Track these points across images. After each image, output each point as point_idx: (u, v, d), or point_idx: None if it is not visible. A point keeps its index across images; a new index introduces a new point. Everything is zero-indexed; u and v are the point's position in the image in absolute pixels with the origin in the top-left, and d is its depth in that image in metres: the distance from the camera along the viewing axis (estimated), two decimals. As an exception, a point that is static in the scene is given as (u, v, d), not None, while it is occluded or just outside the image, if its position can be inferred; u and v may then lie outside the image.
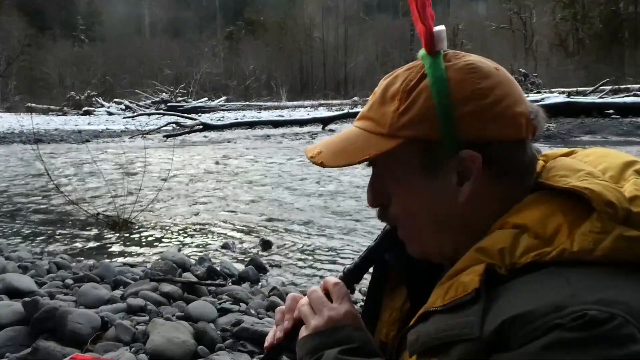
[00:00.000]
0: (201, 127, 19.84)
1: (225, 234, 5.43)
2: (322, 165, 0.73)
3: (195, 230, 5.64)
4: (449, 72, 0.68)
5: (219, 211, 6.56)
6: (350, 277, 0.85)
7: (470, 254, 0.64)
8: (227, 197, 7.50)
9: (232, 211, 6.55)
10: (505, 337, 0.55)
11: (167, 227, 5.73)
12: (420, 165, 0.70)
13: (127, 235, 5.42)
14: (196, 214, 6.39)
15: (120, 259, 4.50)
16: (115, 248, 4.98)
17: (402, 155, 0.70)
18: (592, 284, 0.56)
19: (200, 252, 4.74)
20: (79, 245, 5.08)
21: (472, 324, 0.58)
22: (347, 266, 0.86)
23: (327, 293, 0.81)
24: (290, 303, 0.85)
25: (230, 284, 3.71)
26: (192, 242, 5.17)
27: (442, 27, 0.71)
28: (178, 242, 5.17)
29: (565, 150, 0.77)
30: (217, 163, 11.59)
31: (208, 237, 5.34)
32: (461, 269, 0.64)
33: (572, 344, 0.52)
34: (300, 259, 4.57)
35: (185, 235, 5.46)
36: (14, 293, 2.94)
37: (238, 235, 5.41)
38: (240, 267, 4.19)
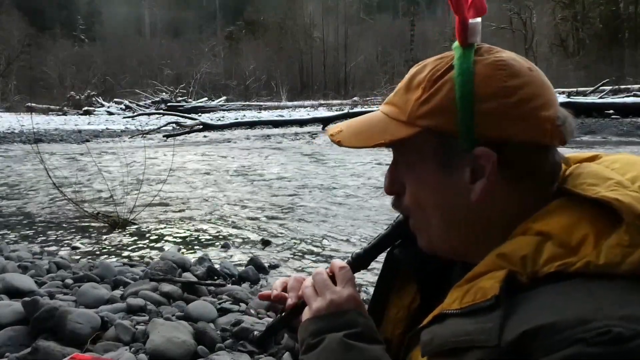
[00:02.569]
0: (201, 127, 19.87)
1: (225, 234, 5.43)
2: (339, 144, 0.73)
3: (195, 230, 5.64)
4: (478, 66, 0.66)
5: (219, 211, 6.55)
6: (358, 263, 0.85)
7: (490, 259, 0.63)
8: (227, 197, 7.50)
9: (232, 211, 6.55)
10: (526, 348, 0.54)
11: (167, 227, 5.73)
12: (434, 157, 0.69)
13: (127, 235, 5.42)
14: (196, 214, 6.38)
15: (120, 259, 4.50)
16: (115, 248, 4.98)
17: (418, 144, 0.69)
18: (618, 299, 0.54)
19: (200, 252, 4.74)
20: (79, 245, 5.08)
21: (490, 332, 0.57)
22: (357, 251, 0.86)
23: (332, 276, 0.81)
24: (293, 283, 0.85)
25: (230, 284, 3.71)
26: (192, 242, 5.17)
27: (478, 20, 0.69)
28: (178, 242, 5.17)
29: (588, 154, 0.76)
30: (217, 163, 11.60)
31: (208, 237, 5.34)
32: (481, 273, 0.63)
33: (594, 359, 0.50)
34: (300, 259, 4.57)
35: (185, 235, 5.45)
36: (13, 293, 2.94)
37: (238, 235, 5.41)
38: (240, 267, 4.19)
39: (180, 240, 5.26)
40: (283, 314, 0.86)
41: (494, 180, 0.66)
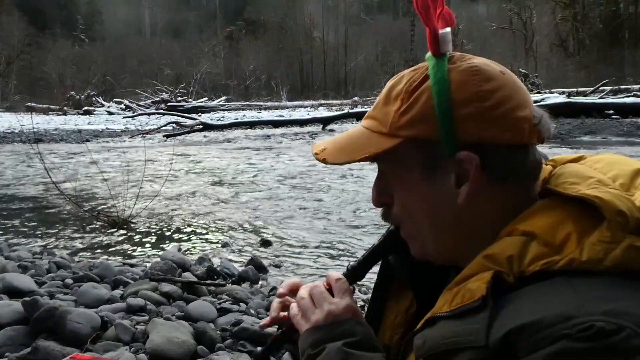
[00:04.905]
0: (201, 127, 19.85)
1: (224, 234, 5.43)
2: (324, 161, 0.75)
3: (195, 230, 5.64)
4: (452, 73, 0.68)
5: (219, 211, 6.55)
6: (354, 274, 0.86)
7: (478, 261, 0.64)
8: (227, 197, 7.50)
9: (232, 211, 6.55)
10: (512, 346, 0.55)
11: (167, 227, 5.73)
12: (419, 166, 0.70)
13: (127, 234, 5.41)
14: (196, 214, 6.38)
15: (120, 259, 4.50)
16: (115, 248, 4.98)
17: (402, 154, 0.70)
18: (601, 295, 0.55)
19: (200, 252, 4.74)
20: (78, 245, 5.08)
21: (478, 332, 0.58)
22: (351, 263, 0.87)
23: (329, 288, 0.82)
24: (291, 292, 0.88)
25: (230, 283, 3.71)
26: (192, 242, 5.17)
27: (447, 30, 0.71)
28: (178, 242, 5.16)
29: (574, 155, 0.77)
30: (217, 163, 11.60)
31: (208, 237, 5.34)
32: (469, 275, 0.64)
33: (578, 354, 0.51)
34: (300, 259, 4.57)
35: (185, 235, 5.45)
36: (13, 292, 2.94)
37: (238, 234, 5.41)
38: (240, 267, 4.19)
39: (180, 240, 5.27)
40: (284, 328, 0.87)
41: (478, 183, 0.68)
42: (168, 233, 5.50)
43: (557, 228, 0.61)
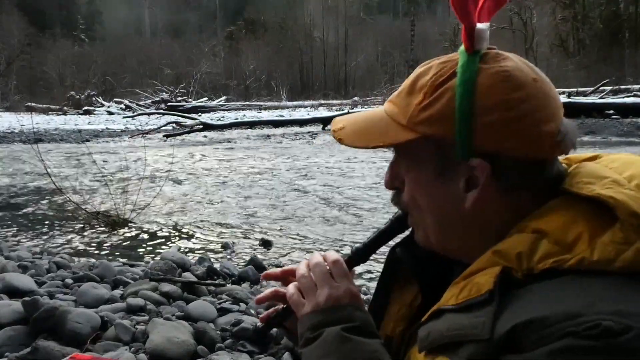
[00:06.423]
0: (201, 127, 19.89)
1: (225, 234, 5.43)
2: (340, 141, 0.74)
3: (195, 230, 5.64)
4: (481, 75, 0.65)
5: (219, 211, 6.55)
6: (358, 257, 0.85)
7: (487, 256, 0.64)
8: (227, 197, 7.50)
9: (232, 211, 6.55)
10: (517, 341, 0.55)
11: (167, 227, 5.73)
12: (431, 164, 0.70)
13: (127, 234, 5.42)
14: (196, 214, 6.38)
15: (120, 259, 4.50)
16: (115, 248, 4.98)
17: (416, 149, 0.70)
18: (610, 295, 0.55)
19: (200, 252, 4.74)
20: (78, 244, 5.08)
21: (483, 325, 0.58)
22: (357, 245, 0.86)
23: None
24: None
25: (230, 283, 3.71)
26: (192, 242, 5.17)
27: (485, 26, 0.68)
28: (178, 242, 5.16)
29: (589, 154, 0.76)
30: (217, 163, 11.60)
31: (208, 237, 5.34)
32: (477, 270, 0.64)
33: (583, 351, 0.51)
34: (300, 259, 4.57)
35: (185, 235, 5.45)
36: (13, 292, 2.94)
37: (238, 234, 5.41)
38: (240, 267, 4.19)
39: (180, 240, 5.26)
40: (284, 307, 0.87)
41: (487, 191, 0.67)
42: (168, 233, 5.50)
43: (568, 227, 0.60)
